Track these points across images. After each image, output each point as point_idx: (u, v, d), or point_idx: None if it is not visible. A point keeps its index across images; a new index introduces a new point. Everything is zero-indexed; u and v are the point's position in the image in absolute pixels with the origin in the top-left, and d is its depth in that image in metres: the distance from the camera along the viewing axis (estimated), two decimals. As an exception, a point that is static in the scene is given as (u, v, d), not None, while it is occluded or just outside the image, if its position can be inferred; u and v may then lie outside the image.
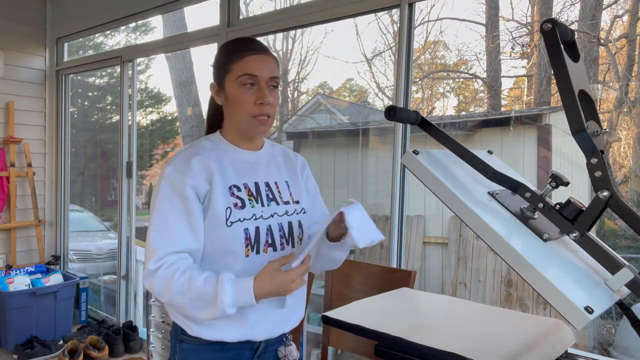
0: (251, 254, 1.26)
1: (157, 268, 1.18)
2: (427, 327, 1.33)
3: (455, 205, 1.06)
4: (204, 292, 1.15)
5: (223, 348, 1.26)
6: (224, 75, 1.27)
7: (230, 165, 1.29)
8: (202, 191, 1.24)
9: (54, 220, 4.30)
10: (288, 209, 1.34)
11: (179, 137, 10.17)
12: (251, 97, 1.24)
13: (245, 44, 1.28)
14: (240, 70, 1.24)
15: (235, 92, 1.25)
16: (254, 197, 1.28)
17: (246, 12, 4.38)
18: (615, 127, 5.67)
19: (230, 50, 1.28)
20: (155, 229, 1.21)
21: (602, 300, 0.97)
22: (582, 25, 5.67)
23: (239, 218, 1.24)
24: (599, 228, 5.01)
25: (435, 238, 4.52)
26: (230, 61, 1.26)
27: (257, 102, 1.24)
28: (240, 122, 1.28)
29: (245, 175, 1.30)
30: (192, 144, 1.33)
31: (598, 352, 4.04)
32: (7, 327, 3.45)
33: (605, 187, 0.98)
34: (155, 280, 1.17)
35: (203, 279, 1.16)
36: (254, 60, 1.24)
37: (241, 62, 1.24)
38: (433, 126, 1.22)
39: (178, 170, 1.23)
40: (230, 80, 1.26)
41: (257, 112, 1.25)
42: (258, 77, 1.24)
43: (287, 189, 1.37)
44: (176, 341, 1.29)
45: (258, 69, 1.24)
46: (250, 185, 1.29)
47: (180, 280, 1.16)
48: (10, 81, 4.03)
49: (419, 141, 3.38)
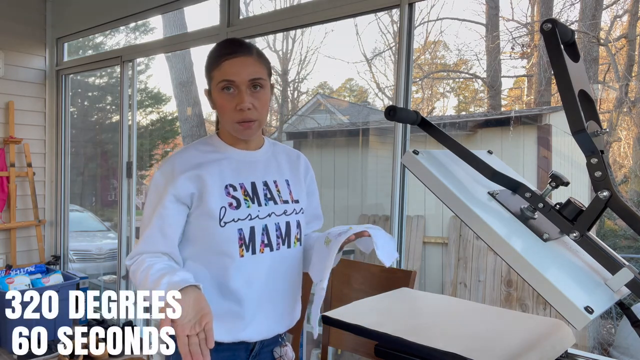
0: (246, 254, 1.25)
1: (131, 264, 1.28)
2: (427, 327, 1.33)
3: (455, 205, 1.06)
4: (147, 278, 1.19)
5: (217, 349, 1.21)
6: (209, 82, 1.28)
7: (228, 166, 1.29)
8: (185, 195, 1.25)
9: (54, 220, 4.30)
10: (287, 208, 1.33)
11: (179, 137, 10.17)
12: (231, 103, 1.22)
13: (223, 48, 1.26)
14: (219, 76, 1.23)
15: (218, 99, 1.25)
16: (249, 197, 1.28)
17: (246, 12, 4.38)
18: (615, 127, 5.68)
19: (210, 56, 1.27)
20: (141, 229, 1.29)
21: (602, 300, 0.97)
22: (582, 25, 5.68)
23: (232, 218, 1.24)
24: (599, 228, 5.01)
25: (435, 238, 4.52)
26: (211, 68, 1.25)
27: (237, 108, 1.22)
28: (228, 127, 1.28)
29: (242, 175, 1.30)
30: (186, 147, 1.34)
31: (598, 352, 4.04)
32: (7, 327, 3.45)
33: (605, 187, 0.98)
34: (130, 274, 1.28)
35: (156, 269, 1.19)
36: (230, 65, 1.22)
37: (220, 68, 1.23)
38: (433, 126, 1.22)
39: (163, 175, 1.27)
40: (213, 87, 1.26)
41: (239, 118, 1.23)
42: (236, 82, 1.22)
43: (287, 188, 1.36)
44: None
45: (234, 73, 1.21)
46: (246, 185, 1.29)
47: (142, 271, 1.22)
48: (10, 81, 4.03)
49: (419, 141, 3.39)
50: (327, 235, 1.30)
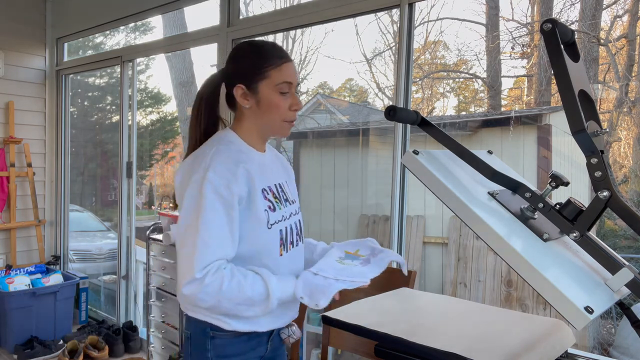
0: (284, 252, 1.34)
1: (204, 276, 1.18)
2: (427, 327, 1.33)
3: (455, 205, 1.06)
4: (253, 297, 1.21)
5: (250, 337, 1.33)
6: (257, 80, 1.29)
7: (257, 168, 1.31)
8: (243, 196, 1.25)
9: (54, 220, 4.30)
10: (295, 208, 1.42)
11: (179, 137, 10.18)
12: (286, 103, 1.30)
13: (279, 50, 1.33)
14: (279, 77, 1.28)
15: (273, 98, 1.29)
16: (278, 199, 1.34)
17: (246, 12, 4.38)
18: (615, 127, 5.68)
19: (264, 56, 1.30)
20: (201, 236, 1.20)
21: (602, 300, 0.97)
22: (582, 25, 5.68)
23: (275, 220, 1.31)
24: (599, 228, 5.01)
25: (435, 238, 4.52)
26: (268, 67, 1.28)
27: (291, 108, 1.31)
28: (272, 126, 1.33)
29: (267, 178, 1.34)
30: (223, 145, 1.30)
31: (598, 352, 4.04)
32: (7, 327, 3.45)
33: (605, 187, 0.98)
34: (202, 289, 1.18)
35: (249, 284, 1.21)
36: (288, 67, 1.30)
37: (280, 70, 1.29)
38: (433, 126, 1.22)
39: (221, 176, 1.22)
40: (266, 86, 1.29)
41: (291, 117, 1.32)
42: (293, 84, 1.31)
43: (288, 189, 1.43)
44: (205, 338, 1.31)
45: (292, 76, 1.31)
46: (272, 188, 1.34)
47: (229, 288, 1.19)
48: (10, 81, 4.03)
49: (419, 141, 3.39)
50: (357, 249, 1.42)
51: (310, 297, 1.20)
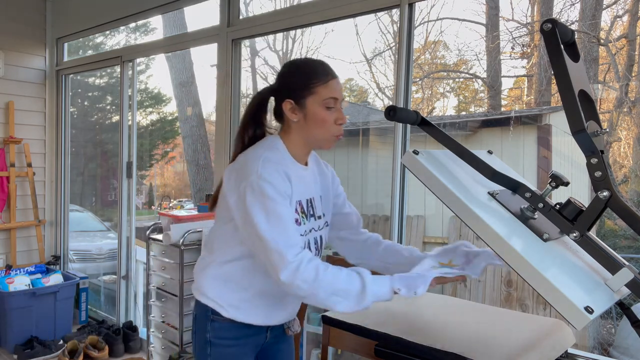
0: None
1: (298, 264, 1.23)
2: (427, 327, 1.33)
3: (455, 205, 1.06)
4: (348, 289, 1.22)
5: (247, 326, 1.43)
6: (305, 96, 1.36)
7: (297, 180, 1.36)
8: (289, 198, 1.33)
9: (54, 220, 4.30)
10: (320, 223, 1.47)
11: (179, 137, 10.17)
12: (332, 117, 1.36)
13: (327, 67, 1.39)
14: (327, 93, 1.35)
15: (320, 113, 1.36)
16: (304, 213, 1.40)
17: (246, 12, 4.37)
18: (615, 127, 5.68)
19: (312, 73, 1.37)
20: (276, 230, 1.25)
21: (602, 300, 0.97)
22: (582, 25, 5.68)
23: (300, 233, 1.35)
24: (599, 228, 5.01)
25: (435, 238, 4.52)
26: (315, 84, 1.35)
27: (337, 122, 1.37)
28: (319, 140, 1.39)
29: (300, 192, 1.39)
30: (271, 151, 1.36)
31: (598, 352, 4.04)
32: (7, 327, 3.45)
33: (605, 187, 0.98)
34: (298, 276, 1.22)
35: (345, 276, 1.24)
36: (335, 83, 1.37)
37: (327, 86, 1.35)
38: (433, 126, 1.22)
39: (277, 178, 1.29)
40: (314, 102, 1.35)
41: (338, 132, 1.38)
42: (339, 100, 1.38)
43: (320, 204, 1.48)
44: (206, 321, 1.42)
45: (338, 92, 1.38)
46: (303, 202, 1.40)
47: (324, 277, 1.23)
48: (10, 81, 4.03)
49: (419, 141, 3.38)
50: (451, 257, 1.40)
51: (408, 287, 1.22)
